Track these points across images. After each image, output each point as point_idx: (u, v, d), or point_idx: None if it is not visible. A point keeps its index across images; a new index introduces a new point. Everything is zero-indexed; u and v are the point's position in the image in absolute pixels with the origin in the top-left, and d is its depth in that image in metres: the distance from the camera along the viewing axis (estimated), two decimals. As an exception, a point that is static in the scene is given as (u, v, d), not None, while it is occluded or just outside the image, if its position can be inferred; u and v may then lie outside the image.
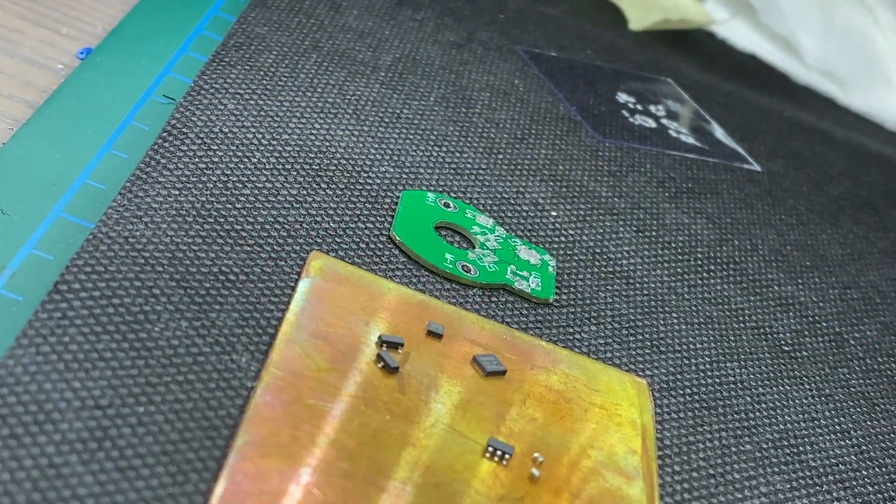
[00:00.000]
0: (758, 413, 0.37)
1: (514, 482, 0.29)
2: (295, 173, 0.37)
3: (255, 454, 0.27)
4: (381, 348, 0.31)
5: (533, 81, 0.50)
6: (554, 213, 0.42)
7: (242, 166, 0.36)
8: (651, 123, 0.52)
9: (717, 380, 0.38)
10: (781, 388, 0.39)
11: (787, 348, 0.41)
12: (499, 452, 0.30)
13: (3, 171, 0.34)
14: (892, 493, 0.37)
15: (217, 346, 0.30)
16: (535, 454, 0.30)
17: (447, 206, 0.39)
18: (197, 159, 0.36)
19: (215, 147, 0.36)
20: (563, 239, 0.41)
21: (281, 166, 0.37)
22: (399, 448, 0.29)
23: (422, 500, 0.28)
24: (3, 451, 0.24)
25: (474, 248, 0.38)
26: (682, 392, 0.36)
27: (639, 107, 0.54)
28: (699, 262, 0.43)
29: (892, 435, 0.39)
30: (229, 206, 0.34)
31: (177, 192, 0.34)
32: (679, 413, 0.35)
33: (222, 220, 0.34)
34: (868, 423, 0.39)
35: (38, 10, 0.43)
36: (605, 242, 0.42)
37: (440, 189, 0.40)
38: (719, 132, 0.55)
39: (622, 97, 0.54)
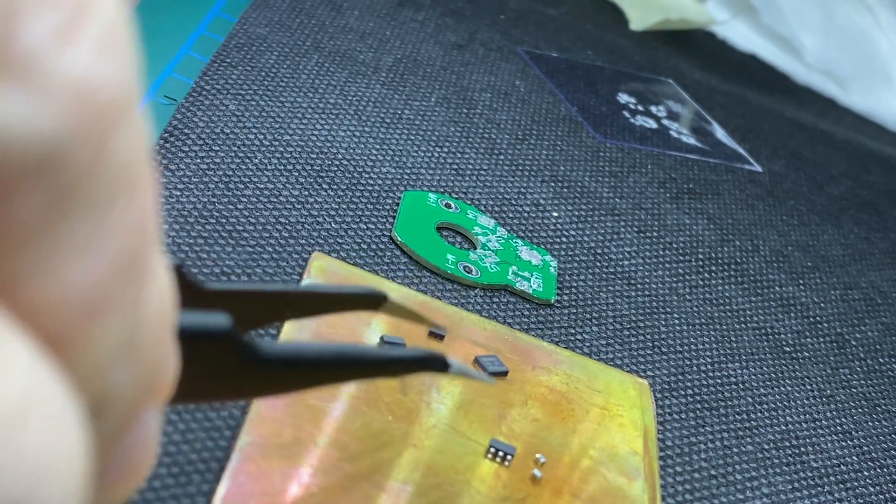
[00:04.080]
0: (759, 414, 0.37)
1: (515, 483, 0.29)
2: (296, 174, 0.37)
3: (258, 455, 0.27)
4: (382, 349, 0.31)
5: (534, 82, 0.50)
6: (555, 214, 0.42)
7: (244, 167, 0.36)
8: (652, 124, 0.52)
9: (719, 380, 0.38)
10: (783, 388, 0.39)
11: (788, 349, 0.41)
12: (500, 453, 0.30)
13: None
14: (894, 494, 0.37)
15: (219, 346, 0.30)
16: (537, 455, 0.30)
17: (448, 206, 0.39)
18: (199, 160, 0.36)
19: (217, 148, 0.36)
20: (564, 240, 0.41)
21: (282, 167, 0.37)
22: (401, 448, 0.29)
23: (423, 501, 0.28)
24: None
25: (476, 248, 0.38)
26: (683, 393, 0.36)
27: (640, 107, 0.54)
28: (700, 263, 0.43)
29: (893, 436, 0.39)
30: (231, 206, 0.34)
31: (178, 193, 0.34)
32: (681, 414, 0.35)
33: (224, 220, 0.34)
34: (870, 423, 0.39)
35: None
36: (607, 243, 0.42)
37: (441, 190, 0.40)
38: (720, 133, 0.55)
39: (623, 98, 0.54)
